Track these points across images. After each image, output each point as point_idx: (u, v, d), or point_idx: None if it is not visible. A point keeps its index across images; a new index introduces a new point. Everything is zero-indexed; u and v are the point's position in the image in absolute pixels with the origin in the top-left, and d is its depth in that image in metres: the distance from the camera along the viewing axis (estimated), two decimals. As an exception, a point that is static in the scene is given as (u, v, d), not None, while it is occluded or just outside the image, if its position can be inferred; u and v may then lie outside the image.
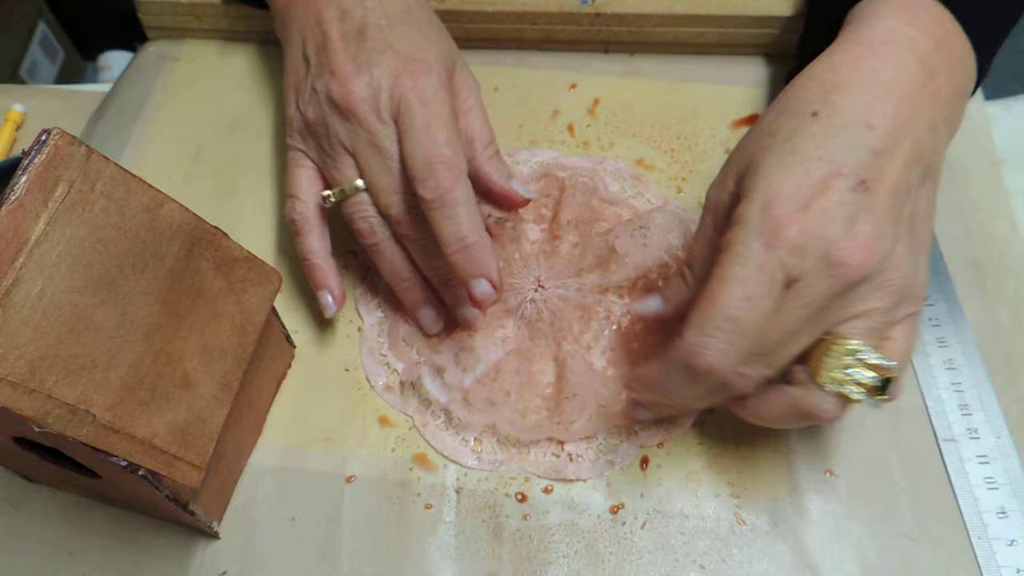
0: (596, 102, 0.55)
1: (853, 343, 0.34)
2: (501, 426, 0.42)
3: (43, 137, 0.31)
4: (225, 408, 0.37)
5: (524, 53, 0.57)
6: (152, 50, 0.60)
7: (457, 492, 0.42)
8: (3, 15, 1.22)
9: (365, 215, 0.43)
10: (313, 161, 0.45)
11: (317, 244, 0.44)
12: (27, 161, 0.30)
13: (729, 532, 0.40)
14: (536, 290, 0.45)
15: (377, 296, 0.47)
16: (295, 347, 0.46)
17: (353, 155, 0.42)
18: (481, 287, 0.40)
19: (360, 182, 0.42)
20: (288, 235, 0.50)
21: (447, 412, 0.43)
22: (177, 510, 0.37)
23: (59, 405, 0.30)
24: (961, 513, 0.40)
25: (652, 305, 0.41)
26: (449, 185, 0.39)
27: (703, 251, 0.38)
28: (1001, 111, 0.55)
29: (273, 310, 0.42)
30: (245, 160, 0.53)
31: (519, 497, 0.42)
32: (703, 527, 0.40)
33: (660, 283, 0.46)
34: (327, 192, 0.43)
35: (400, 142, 0.41)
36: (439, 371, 0.42)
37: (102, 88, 0.60)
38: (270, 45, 0.58)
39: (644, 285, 0.46)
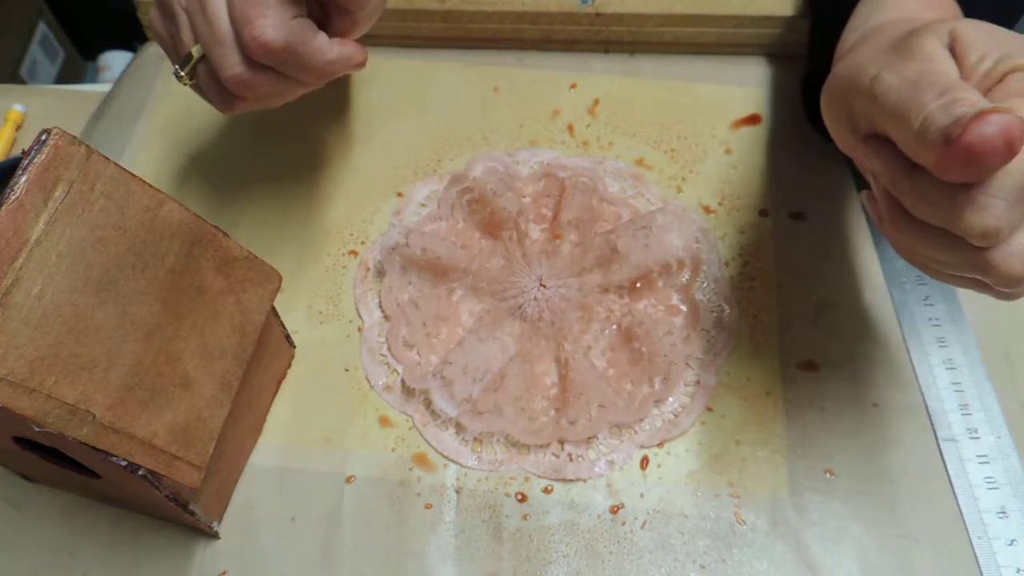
0: (596, 102, 0.55)
1: None
2: (512, 432, 0.42)
3: (43, 137, 0.31)
4: (225, 408, 0.37)
5: (524, 53, 0.57)
6: (152, 50, 0.60)
7: (457, 492, 0.42)
8: (3, 15, 1.21)
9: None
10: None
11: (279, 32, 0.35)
12: (27, 161, 0.30)
13: (729, 532, 0.40)
14: (538, 289, 0.45)
15: (377, 296, 0.47)
16: (295, 347, 0.46)
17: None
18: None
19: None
20: (287, 235, 0.50)
21: (458, 424, 0.43)
22: (177, 510, 0.37)
23: (59, 405, 0.30)
24: (961, 513, 0.40)
25: None
26: (278, 45, 0.34)
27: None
28: (1001, 111, 0.55)
29: (273, 310, 0.42)
30: (245, 160, 0.53)
31: (519, 497, 0.42)
32: (703, 527, 0.40)
33: (660, 283, 0.46)
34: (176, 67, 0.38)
35: None
36: (448, 384, 0.42)
37: (102, 88, 0.60)
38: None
39: (644, 285, 0.46)
